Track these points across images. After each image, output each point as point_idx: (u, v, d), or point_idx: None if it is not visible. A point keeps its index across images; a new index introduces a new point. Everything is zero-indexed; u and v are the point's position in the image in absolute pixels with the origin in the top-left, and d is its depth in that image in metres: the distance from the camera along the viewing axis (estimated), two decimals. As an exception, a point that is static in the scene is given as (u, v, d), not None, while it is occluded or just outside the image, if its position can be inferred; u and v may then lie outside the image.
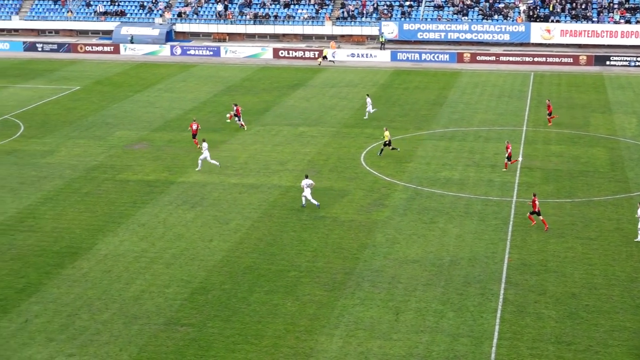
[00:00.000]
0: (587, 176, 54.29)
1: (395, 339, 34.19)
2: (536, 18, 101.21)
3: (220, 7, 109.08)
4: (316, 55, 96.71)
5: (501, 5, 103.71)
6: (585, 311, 36.35)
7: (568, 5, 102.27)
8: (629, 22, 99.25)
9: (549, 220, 46.01)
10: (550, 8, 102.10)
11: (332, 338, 34.32)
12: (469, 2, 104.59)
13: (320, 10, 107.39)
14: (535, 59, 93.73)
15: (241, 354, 33.22)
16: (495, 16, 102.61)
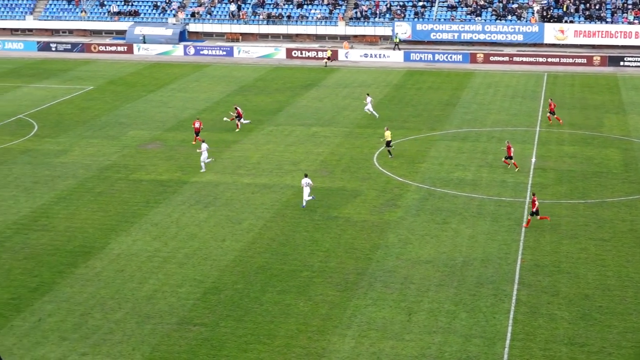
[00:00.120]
0: (601, 177, 54.12)
1: (407, 340, 34.17)
2: (550, 18, 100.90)
3: (233, 7, 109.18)
4: (330, 56, 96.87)
5: (515, 5, 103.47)
6: (598, 312, 36.25)
7: (582, 5, 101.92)
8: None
9: (562, 221, 45.97)
10: (564, 8, 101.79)
11: (345, 338, 34.32)
12: (482, 3, 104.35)
13: (333, 10, 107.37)
14: (549, 60, 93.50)
15: (253, 353, 33.26)
16: (509, 17, 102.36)
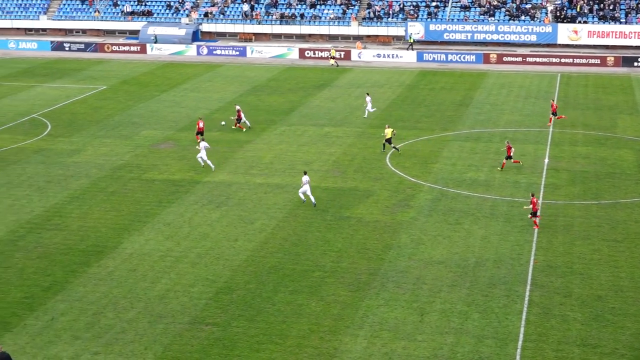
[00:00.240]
0: (614, 178, 53.93)
1: (419, 340, 34.13)
2: (563, 19, 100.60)
3: (246, 7, 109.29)
4: (341, 56, 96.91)
5: (528, 6, 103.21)
6: (611, 314, 36.13)
7: (595, 6, 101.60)
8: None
9: (575, 222, 45.86)
10: (578, 9, 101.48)
11: (357, 339, 34.31)
12: (495, 3, 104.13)
13: (346, 10, 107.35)
14: (562, 60, 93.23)
15: (265, 353, 33.28)
16: (522, 17, 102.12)
